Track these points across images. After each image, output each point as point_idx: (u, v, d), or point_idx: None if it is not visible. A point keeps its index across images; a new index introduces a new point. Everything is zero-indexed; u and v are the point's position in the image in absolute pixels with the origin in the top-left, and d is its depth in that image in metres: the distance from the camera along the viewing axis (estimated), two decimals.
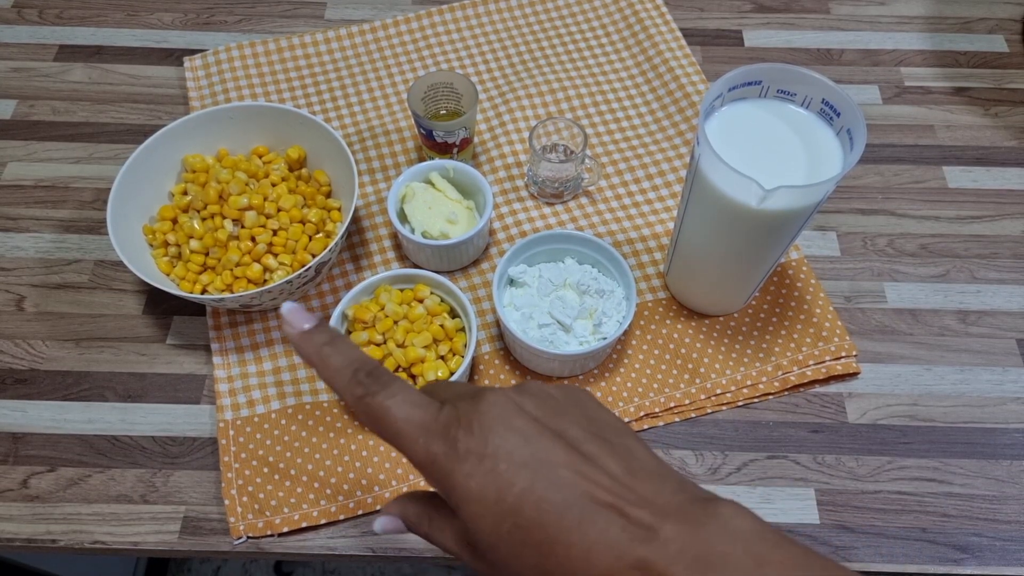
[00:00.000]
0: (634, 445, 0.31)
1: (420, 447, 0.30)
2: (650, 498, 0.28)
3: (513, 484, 0.29)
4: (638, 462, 0.30)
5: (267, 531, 0.52)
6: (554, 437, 0.30)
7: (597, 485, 0.28)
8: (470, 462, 0.29)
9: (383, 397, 0.31)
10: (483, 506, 0.29)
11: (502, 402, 0.31)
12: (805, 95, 0.49)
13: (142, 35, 0.79)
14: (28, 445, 0.56)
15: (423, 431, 0.30)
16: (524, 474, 0.29)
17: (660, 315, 0.62)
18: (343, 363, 0.32)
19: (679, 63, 0.75)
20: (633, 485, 0.29)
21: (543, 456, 0.29)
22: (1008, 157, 0.71)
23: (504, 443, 0.29)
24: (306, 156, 0.65)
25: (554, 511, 0.28)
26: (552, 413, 0.31)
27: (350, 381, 0.32)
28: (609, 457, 0.30)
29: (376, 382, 0.31)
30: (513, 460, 0.29)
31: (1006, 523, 0.53)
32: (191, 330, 0.61)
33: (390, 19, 0.80)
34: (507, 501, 0.28)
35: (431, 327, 0.55)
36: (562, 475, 0.29)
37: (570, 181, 0.66)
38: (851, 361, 0.59)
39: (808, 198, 0.46)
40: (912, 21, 0.82)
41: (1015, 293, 0.63)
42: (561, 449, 0.29)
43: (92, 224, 0.67)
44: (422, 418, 0.30)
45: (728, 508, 0.28)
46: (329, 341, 0.32)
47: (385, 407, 0.31)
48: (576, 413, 0.32)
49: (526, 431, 0.30)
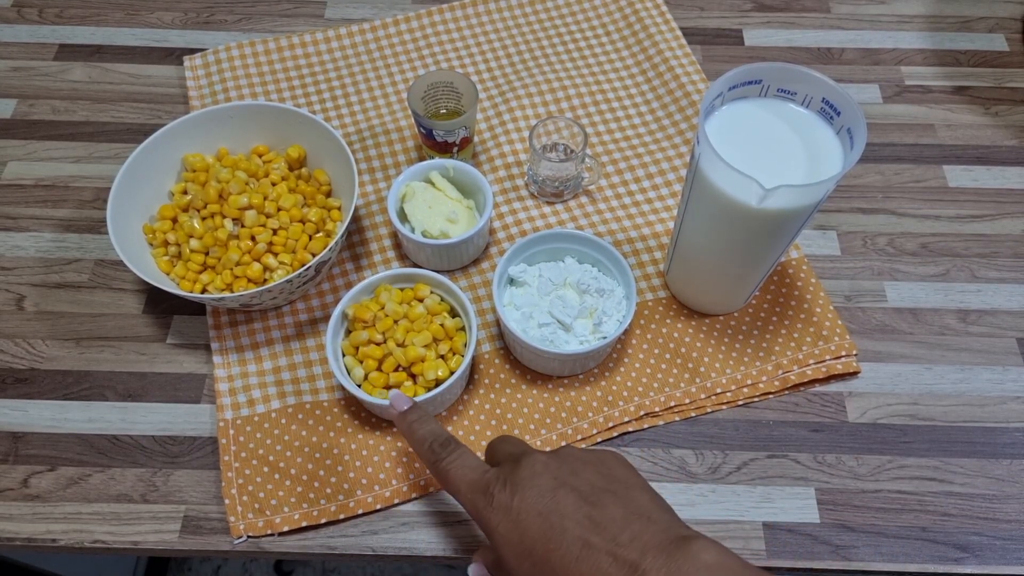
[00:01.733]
0: (638, 495, 0.39)
1: (469, 501, 0.41)
2: (638, 537, 0.35)
3: (529, 529, 0.37)
4: (636, 508, 0.38)
5: (267, 530, 0.52)
6: (568, 491, 0.38)
7: (595, 528, 0.36)
8: (501, 513, 0.39)
9: (447, 463, 0.42)
10: (509, 548, 0.38)
11: (533, 464, 0.40)
12: (805, 94, 0.49)
13: (142, 34, 0.79)
14: (28, 444, 0.56)
15: (472, 489, 0.41)
16: (537, 522, 0.37)
17: (660, 314, 0.62)
18: (424, 435, 0.44)
19: (679, 62, 0.75)
20: (626, 526, 0.36)
21: (554, 507, 0.37)
22: (1008, 156, 0.71)
23: (527, 497, 0.38)
24: (306, 155, 0.65)
25: (557, 551, 0.36)
26: (572, 472, 0.39)
27: (427, 449, 0.44)
28: (611, 505, 0.37)
29: (444, 449, 0.43)
30: (532, 511, 0.38)
31: (1006, 522, 0.53)
32: (191, 329, 0.61)
33: (390, 18, 0.80)
34: (525, 544, 0.37)
35: (431, 326, 0.55)
36: (567, 522, 0.37)
37: (570, 180, 0.66)
38: (851, 360, 0.59)
39: (808, 197, 0.46)
40: (912, 20, 0.82)
41: (1015, 292, 0.63)
42: (571, 500, 0.38)
43: (92, 223, 0.67)
44: (472, 478, 0.41)
45: (700, 544, 0.34)
46: (417, 419, 0.45)
47: (448, 470, 0.42)
48: (594, 470, 0.40)
49: (545, 487, 0.38)
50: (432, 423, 0.45)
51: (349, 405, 0.57)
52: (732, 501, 0.54)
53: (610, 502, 0.38)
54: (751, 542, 0.53)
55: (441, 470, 0.42)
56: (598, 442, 0.57)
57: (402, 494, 0.54)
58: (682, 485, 0.55)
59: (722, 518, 0.54)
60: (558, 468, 0.40)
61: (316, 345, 0.60)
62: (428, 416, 0.46)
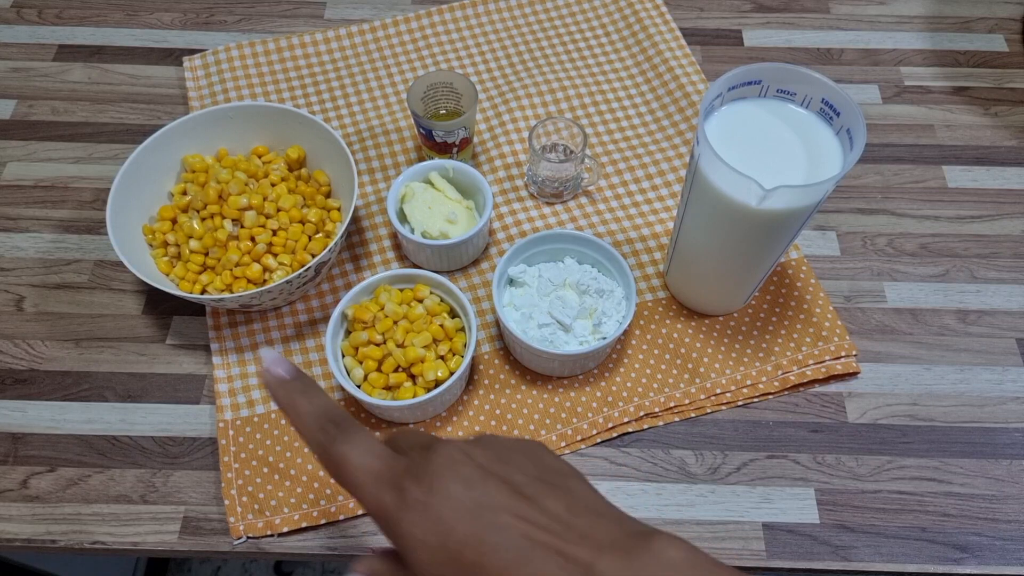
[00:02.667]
0: (577, 486, 0.32)
1: (372, 496, 0.31)
2: (588, 534, 0.29)
3: (455, 529, 0.30)
4: (580, 501, 0.31)
5: (267, 531, 0.52)
6: (498, 482, 0.31)
7: (536, 526, 0.29)
8: (416, 510, 0.30)
9: (344, 447, 0.32)
10: (428, 552, 0.30)
11: (451, 452, 0.32)
12: (805, 95, 0.49)
13: (142, 35, 0.79)
14: (28, 445, 0.56)
15: (376, 480, 0.31)
16: (465, 519, 0.30)
17: (660, 315, 0.62)
18: (312, 411, 0.33)
19: (679, 63, 0.75)
20: (573, 523, 0.30)
21: (484, 501, 0.30)
22: (1008, 157, 0.71)
23: (448, 491, 0.30)
24: (306, 156, 0.65)
25: (493, 553, 0.29)
26: (499, 460, 0.32)
27: (316, 428, 0.33)
28: (550, 498, 0.31)
29: (339, 430, 0.33)
30: (456, 506, 0.30)
31: (1006, 522, 0.53)
32: (191, 330, 0.61)
33: (390, 19, 0.80)
34: (449, 546, 0.29)
35: (431, 327, 0.55)
36: (502, 518, 0.30)
37: (570, 181, 0.66)
38: (851, 361, 0.59)
39: (808, 198, 0.46)
40: (912, 21, 0.82)
41: (1015, 293, 0.63)
42: (503, 493, 0.31)
43: (92, 224, 0.67)
44: (377, 468, 0.32)
45: (662, 540, 0.29)
46: (303, 390, 0.34)
47: (344, 455, 0.32)
48: (523, 460, 0.33)
49: (471, 478, 0.31)
50: (323, 396, 0.34)
51: (349, 406, 0.57)
52: (732, 502, 0.54)
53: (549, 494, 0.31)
54: (751, 543, 0.53)
55: (335, 456, 0.32)
56: (598, 442, 0.57)
57: None
58: (682, 486, 0.55)
59: (722, 519, 0.54)
60: (482, 455, 0.32)
61: (316, 346, 0.60)
62: (317, 387, 0.35)
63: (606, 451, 0.56)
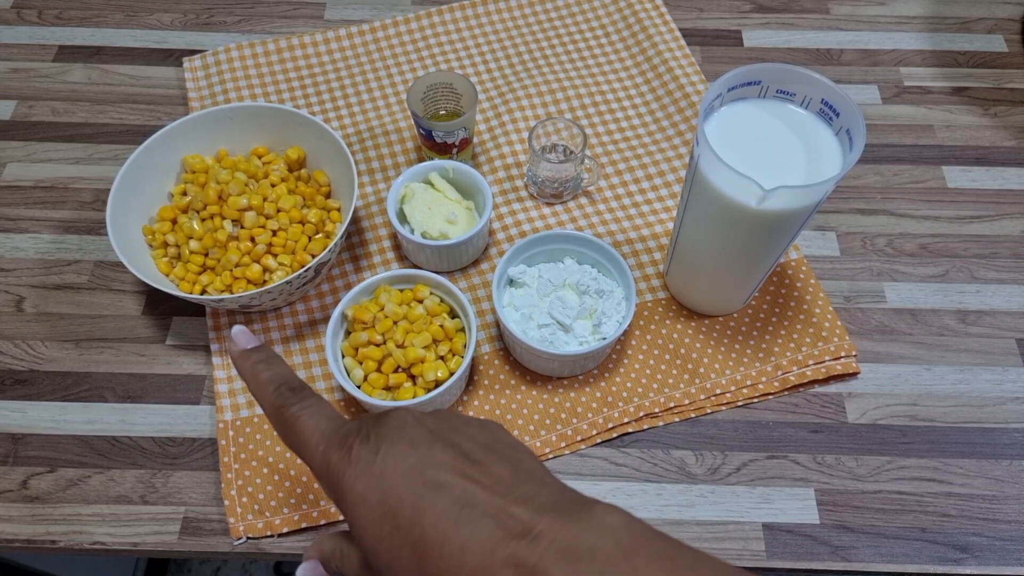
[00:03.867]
0: (526, 458, 0.32)
1: (319, 454, 0.32)
2: (530, 497, 0.29)
3: (395, 485, 0.29)
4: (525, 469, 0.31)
5: (267, 531, 0.52)
6: (445, 446, 0.31)
7: (478, 485, 0.29)
8: (360, 467, 0.30)
9: (297, 408, 0.33)
10: (367, 508, 0.30)
11: (402, 416, 0.32)
12: (804, 95, 0.50)
13: (141, 35, 0.79)
14: (28, 446, 0.56)
15: (324, 440, 0.32)
16: (407, 477, 0.30)
17: (660, 315, 0.62)
18: (270, 378, 0.35)
19: (678, 63, 0.75)
20: (516, 487, 0.30)
21: (429, 460, 0.30)
22: (1007, 157, 0.71)
23: (394, 449, 0.30)
24: (305, 156, 0.65)
25: (431, 510, 0.29)
26: (451, 429, 0.32)
27: (273, 393, 0.34)
28: (496, 463, 0.31)
29: (294, 395, 0.34)
30: (399, 464, 0.30)
31: (1006, 523, 0.53)
32: (191, 331, 0.61)
33: (389, 19, 0.80)
34: (388, 503, 0.29)
35: (431, 327, 0.55)
36: (443, 477, 0.29)
37: (569, 181, 0.66)
38: (851, 361, 0.59)
39: (807, 198, 0.46)
40: (911, 21, 0.82)
41: (1014, 293, 0.63)
42: (449, 455, 0.30)
43: (91, 225, 0.67)
44: (327, 428, 0.32)
45: (602, 507, 0.29)
46: (264, 359, 0.36)
47: (296, 416, 0.33)
48: (476, 432, 0.33)
49: (418, 439, 0.31)
50: (283, 366, 0.36)
51: (349, 406, 0.57)
52: (732, 502, 0.54)
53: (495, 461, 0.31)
54: (751, 543, 0.53)
55: (288, 417, 0.34)
56: (598, 443, 0.57)
57: None
58: (682, 486, 0.55)
59: (722, 519, 0.54)
60: (434, 423, 0.32)
61: (316, 346, 0.60)
62: (278, 358, 0.37)
63: (606, 451, 0.56)
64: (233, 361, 0.37)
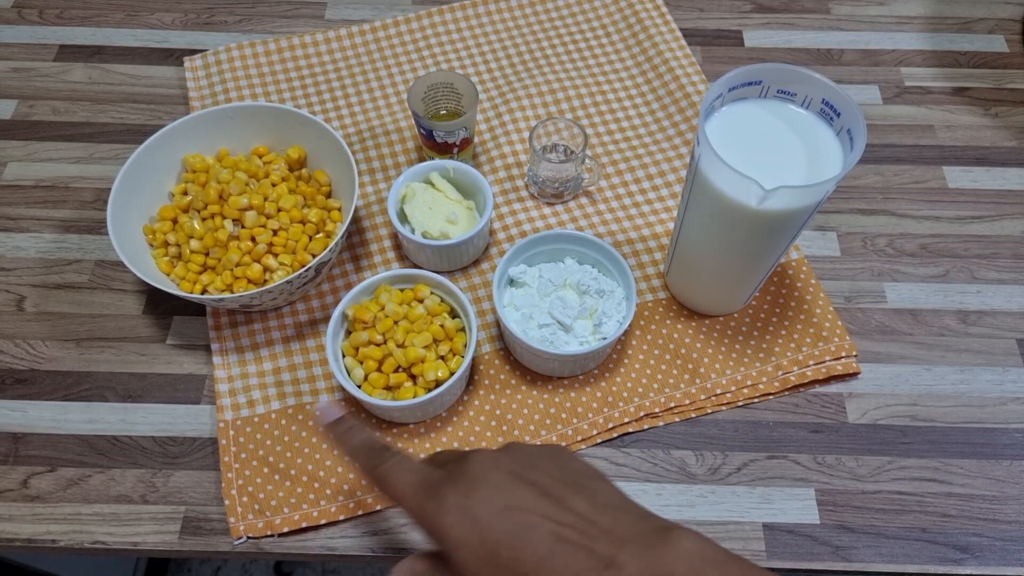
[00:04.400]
0: (600, 486, 0.36)
1: (415, 505, 0.36)
2: (611, 529, 0.33)
3: (490, 529, 0.34)
4: (603, 499, 0.35)
5: (267, 531, 0.52)
6: (527, 485, 0.35)
7: (562, 524, 0.34)
8: (454, 514, 0.35)
9: (386, 467, 0.39)
10: (469, 551, 0.34)
11: (483, 460, 0.37)
12: (805, 95, 0.50)
13: (142, 35, 0.79)
14: (28, 445, 0.56)
15: (416, 492, 0.37)
16: (499, 520, 0.34)
17: (660, 315, 0.62)
18: (359, 443, 0.41)
19: (679, 63, 0.75)
20: (596, 520, 0.34)
21: (515, 503, 0.34)
22: (1008, 157, 0.71)
23: (482, 495, 0.35)
24: (306, 156, 0.65)
25: (526, 549, 0.33)
26: (527, 465, 0.36)
27: (362, 457, 0.40)
28: (575, 497, 0.35)
29: (380, 456, 0.39)
30: (490, 509, 0.34)
31: (1006, 523, 0.53)
32: (191, 330, 0.61)
33: (390, 19, 0.80)
34: (487, 545, 0.34)
35: (431, 327, 0.55)
36: (531, 519, 0.34)
37: (570, 181, 0.66)
38: (851, 361, 0.59)
39: (808, 198, 0.46)
40: (912, 21, 0.82)
41: (1015, 293, 0.63)
42: (532, 495, 0.35)
43: (92, 224, 0.67)
44: (417, 481, 0.37)
45: (680, 532, 0.33)
46: (350, 428, 0.42)
47: (387, 473, 0.38)
48: (549, 463, 0.37)
49: (502, 483, 0.35)
50: (365, 432, 0.42)
51: (349, 406, 0.58)
52: (732, 502, 0.54)
53: (573, 495, 0.35)
54: (751, 543, 0.53)
55: (380, 475, 0.39)
56: (598, 443, 0.57)
57: None
58: (682, 486, 0.55)
59: (722, 519, 0.54)
60: (511, 463, 0.36)
61: (316, 346, 0.60)
62: (361, 425, 0.43)
63: (606, 451, 0.56)
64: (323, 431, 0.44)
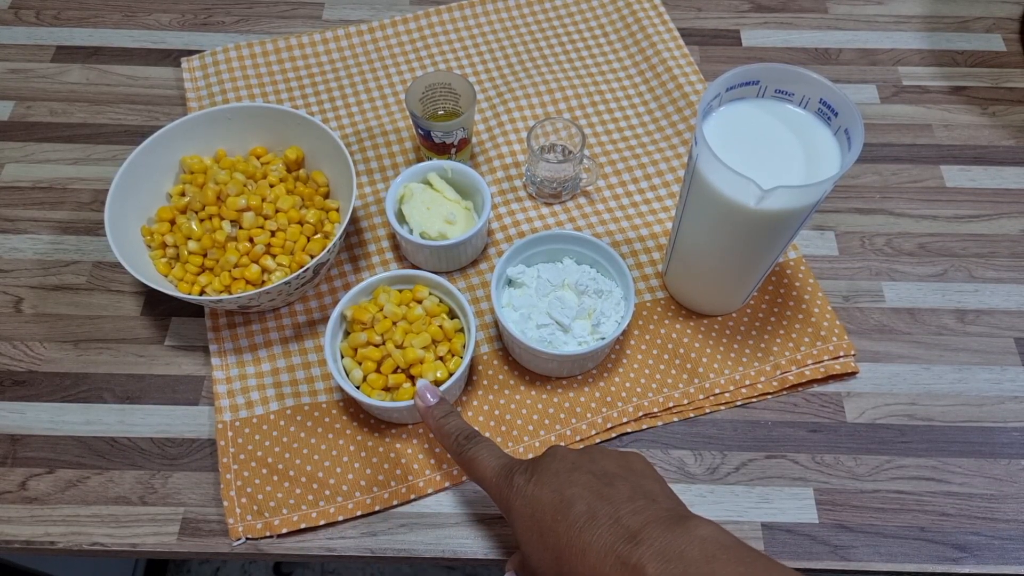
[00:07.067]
0: (649, 483, 0.41)
1: (494, 485, 0.44)
2: (641, 510, 0.38)
3: (540, 504, 0.40)
4: (645, 490, 0.40)
5: (266, 532, 0.52)
6: (583, 472, 0.41)
7: (602, 500, 0.39)
8: (520, 495, 0.41)
9: (473, 452, 0.45)
10: (523, 522, 0.41)
11: (555, 452, 0.43)
12: (803, 95, 0.50)
13: (139, 36, 0.79)
14: (26, 447, 0.56)
15: (496, 474, 0.44)
16: (550, 497, 0.40)
17: (659, 315, 0.62)
18: (451, 430, 0.47)
19: (677, 63, 0.75)
20: (632, 501, 0.39)
21: (567, 482, 0.40)
22: (1006, 156, 0.71)
23: (543, 477, 0.41)
24: (304, 157, 0.65)
25: (563, 520, 0.39)
26: (590, 460, 0.42)
27: (455, 441, 0.46)
28: (620, 483, 0.40)
29: (470, 441, 0.46)
30: (545, 487, 0.41)
31: (1004, 522, 0.53)
32: (189, 331, 0.61)
33: (388, 19, 0.80)
34: (536, 517, 0.40)
35: (430, 328, 0.55)
36: (576, 493, 0.39)
37: (568, 181, 0.66)
38: (849, 361, 0.59)
39: (806, 198, 0.46)
40: (910, 20, 0.82)
41: (1013, 292, 0.64)
42: (585, 478, 0.40)
43: (90, 225, 0.67)
44: (498, 466, 0.44)
45: (697, 520, 0.37)
46: (446, 414, 0.48)
47: (474, 457, 0.45)
48: (613, 461, 0.42)
49: (561, 468, 0.41)
50: (458, 418, 0.48)
51: (348, 407, 0.57)
52: (731, 502, 0.54)
53: (620, 482, 0.40)
54: (750, 542, 0.52)
55: (467, 459, 0.45)
56: (597, 443, 0.57)
57: (400, 496, 0.54)
58: (681, 486, 0.55)
59: (721, 518, 0.54)
60: (578, 457, 0.42)
61: (315, 347, 0.60)
62: (455, 411, 0.48)
63: None
64: (420, 414, 0.49)
